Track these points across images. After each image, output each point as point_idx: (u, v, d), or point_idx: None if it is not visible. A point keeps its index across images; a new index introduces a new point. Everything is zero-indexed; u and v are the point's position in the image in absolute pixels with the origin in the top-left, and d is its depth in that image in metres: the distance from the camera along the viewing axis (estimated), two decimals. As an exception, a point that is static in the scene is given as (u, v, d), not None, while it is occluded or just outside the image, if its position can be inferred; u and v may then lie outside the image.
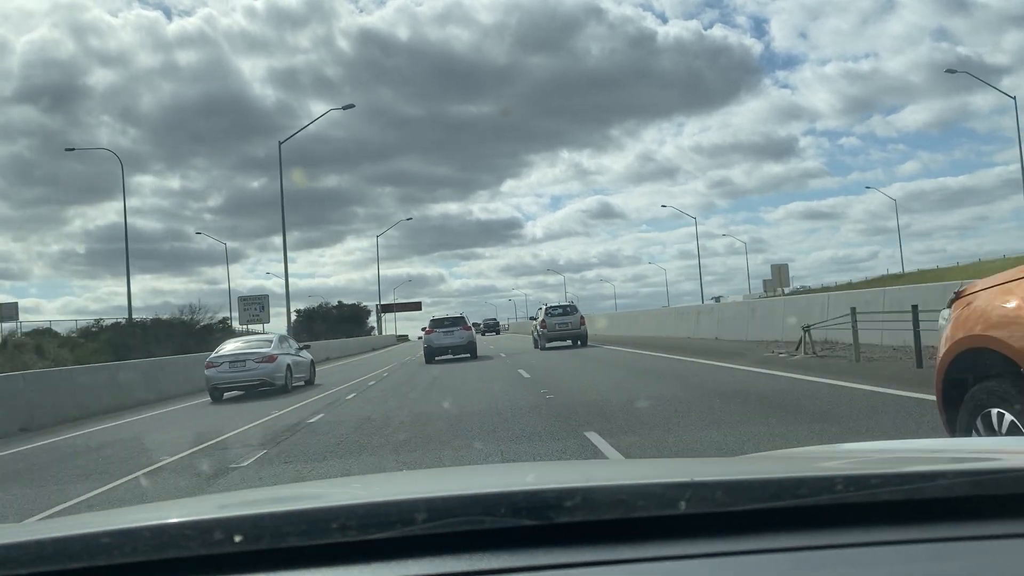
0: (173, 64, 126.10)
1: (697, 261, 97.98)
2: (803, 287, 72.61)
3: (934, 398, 3.74)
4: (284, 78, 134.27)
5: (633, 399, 9.94)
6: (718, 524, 1.08)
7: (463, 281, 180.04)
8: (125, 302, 36.97)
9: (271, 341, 17.68)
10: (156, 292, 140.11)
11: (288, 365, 17.18)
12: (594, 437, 7.15)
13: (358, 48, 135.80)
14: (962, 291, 3.65)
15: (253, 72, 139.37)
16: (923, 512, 1.09)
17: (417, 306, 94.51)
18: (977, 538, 1.04)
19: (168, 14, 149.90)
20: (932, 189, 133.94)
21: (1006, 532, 1.04)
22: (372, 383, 17.74)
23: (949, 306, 3.70)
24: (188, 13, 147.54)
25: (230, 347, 17.55)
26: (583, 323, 29.57)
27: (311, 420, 11.00)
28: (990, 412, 3.28)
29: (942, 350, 3.57)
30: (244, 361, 16.43)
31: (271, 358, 16.63)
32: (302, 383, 18.21)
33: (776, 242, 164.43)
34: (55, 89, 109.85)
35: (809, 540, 1.05)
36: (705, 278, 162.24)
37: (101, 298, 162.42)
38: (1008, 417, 3.17)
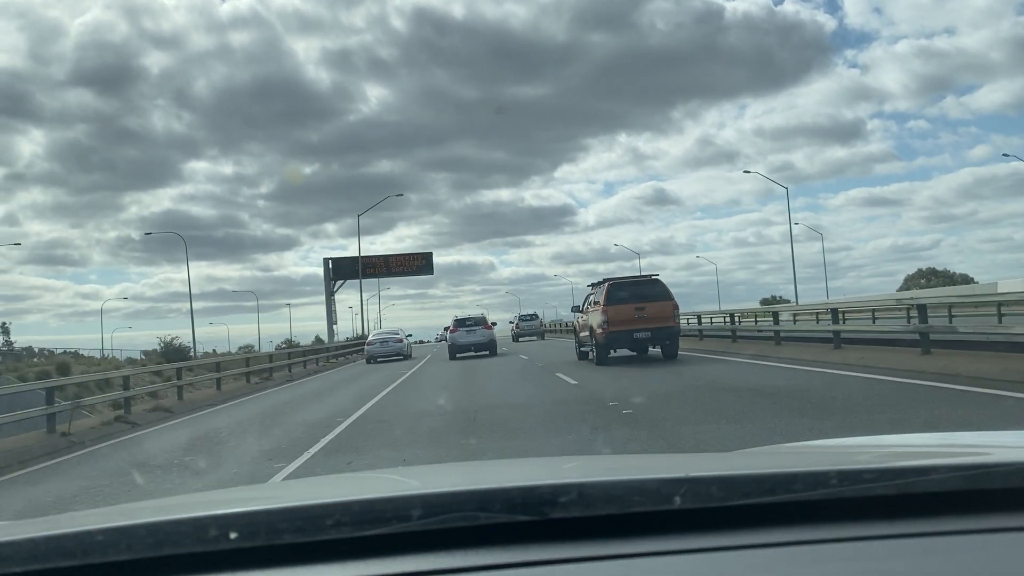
0: (226, 46, 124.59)
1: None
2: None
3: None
4: (338, 59, 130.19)
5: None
6: (713, 519, 1.09)
7: (513, 269, 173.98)
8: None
9: (398, 332, 36.34)
10: (211, 279, 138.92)
11: (408, 344, 36.03)
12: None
13: (413, 27, 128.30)
14: (581, 308, 23.78)
15: (307, 54, 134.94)
16: (916, 507, 1.10)
17: (422, 265, 56.03)
18: (970, 532, 1.05)
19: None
20: (1005, 174, 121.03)
21: (999, 526, 1.06)
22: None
23: (572, 311, 24.23)
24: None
25: (377, 335, 35.83)
26: (542, 325, 50.22)
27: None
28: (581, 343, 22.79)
29: (576, 326, 23.69)
30: (387, 342, 34.33)
31: (400, 340, 34.77)
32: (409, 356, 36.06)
33: (835, 230, 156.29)
34: (109, 72, 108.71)
35: (803, 535, 1.06)
36: (760, 266, 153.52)
37: (158, 284, 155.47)
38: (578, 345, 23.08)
